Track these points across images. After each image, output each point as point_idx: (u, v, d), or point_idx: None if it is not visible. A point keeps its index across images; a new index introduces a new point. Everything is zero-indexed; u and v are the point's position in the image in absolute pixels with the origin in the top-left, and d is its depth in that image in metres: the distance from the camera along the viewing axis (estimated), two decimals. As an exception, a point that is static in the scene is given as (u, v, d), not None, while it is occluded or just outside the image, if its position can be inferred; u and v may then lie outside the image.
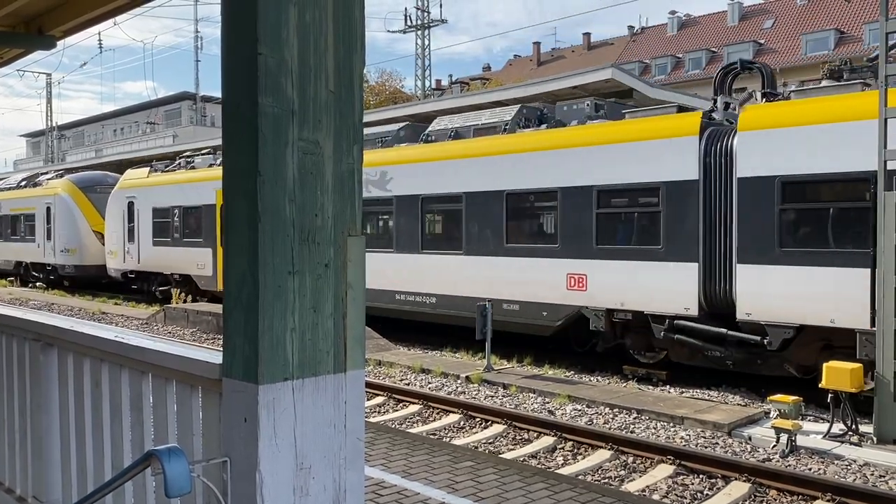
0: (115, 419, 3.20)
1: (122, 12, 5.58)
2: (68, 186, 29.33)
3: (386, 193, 16.59)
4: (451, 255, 15.41)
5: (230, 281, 2.31)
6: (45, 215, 29.77)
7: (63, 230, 28.73)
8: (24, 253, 32.22)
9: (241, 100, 2.24)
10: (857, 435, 8.91)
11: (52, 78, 62.33)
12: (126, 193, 25.62)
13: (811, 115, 10.69)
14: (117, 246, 25.56)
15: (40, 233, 30.26)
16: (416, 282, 16.09)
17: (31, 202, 31.51)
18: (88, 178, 30.29)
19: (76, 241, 28.42)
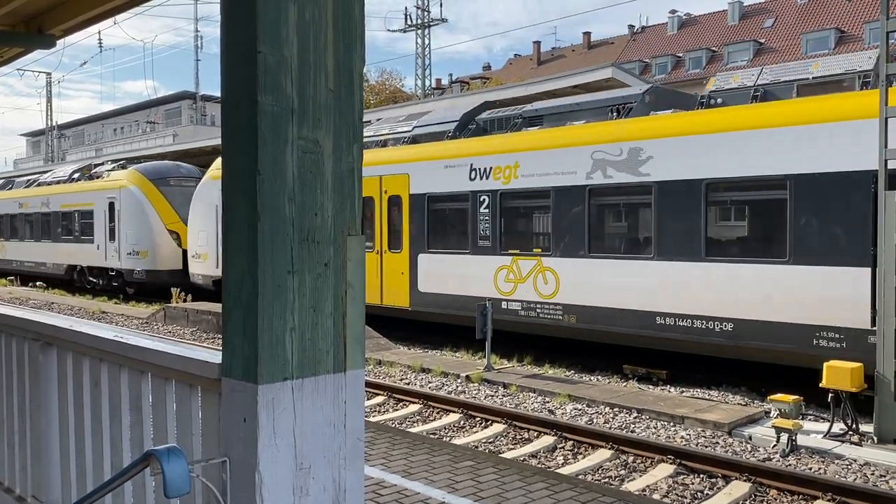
0: (114, 419, 3.20)
1: (122, 11, 5.58)
2: (137, 178, 25.38)
3: (637, 178, 12.27)
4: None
5: (229, 280, 2.31)
6: (108, 212, 25.88)
7: (131, 229, 24.88)
8: (80, 256, 27.98)
9: (240, 98, 2.24)
10: (858, 434, 8.91)
11: (52, 77, 62.33)
12: (218, 184, 24.08)
13: None
14: (207, 248, 21.53)
15: (100, 232, 26.33)
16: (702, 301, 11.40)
17: (87, 197, 27.41)
18: (160, 169, 26.35)
19: (148, 241, 24.52)
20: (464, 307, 14.61)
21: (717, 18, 61.24)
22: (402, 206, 16.32)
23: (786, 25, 55.07)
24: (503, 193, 14.42)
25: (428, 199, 15.80)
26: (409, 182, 16.12)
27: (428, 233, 15.73)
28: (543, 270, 13.71)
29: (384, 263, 16.62)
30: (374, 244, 16.75)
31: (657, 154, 12.02)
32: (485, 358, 13.07)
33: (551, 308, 13.61)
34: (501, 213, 14.49)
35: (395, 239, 16.45)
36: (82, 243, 27.70)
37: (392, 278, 16.53)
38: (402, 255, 16.32)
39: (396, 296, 16.29)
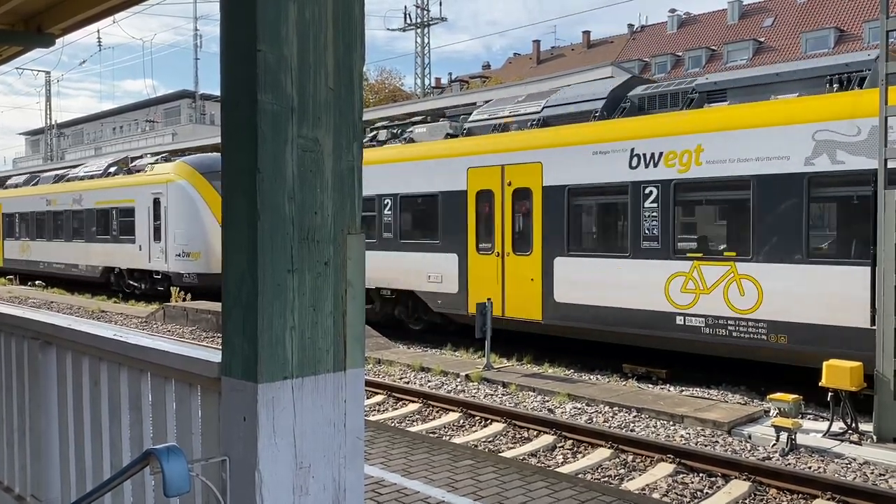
0: (113, 418, 3.19)
1: (121, 10, 5.57)
2: (187, 171, 22.85)
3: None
4: None
5: (229, 279, 2.30)
6: (152, 209, 23.48)
7: (180, 228, 22.40)
8: (118, 257, 25.44)
9: (240, 97, 2.23)
10: (857, 433, 8.91)
11: (51, 76, 62.31)
12: None
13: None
14: None
15: (143, 231, 23.94)
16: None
17: (127, 192, 24.83)
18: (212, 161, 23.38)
19: (200, 242, 21.91)
20: (619, 322, 12.39)
21: (716, 17, 61.26)
22: (533, 201, 13.66)
23: (785, 24, 55.08)
24: (679, 184, 11.72)
25: (569, 191, 13.17)
26: (543, 172, 13.49)
27: (568, 232, 13.23)
28: (739, 279, 11.10)
29: (506, 268, 14.10)
30: (491, 245, 14.38)
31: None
32: (484, 357, 13.07)
33: (751, 326, 11.05)
34: (676, 208, 11.85)
35: (521, 239, 13.95)
36: (121, 243, 25.20)
37: (518, 286, 13.87)
38: (532, 259, 13.68)
39: (524, 307, 13.75)
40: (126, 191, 25.06)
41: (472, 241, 14.75)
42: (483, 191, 14.56)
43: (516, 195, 14.07)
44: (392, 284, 16.35)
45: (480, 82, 59.81)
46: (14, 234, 33.19)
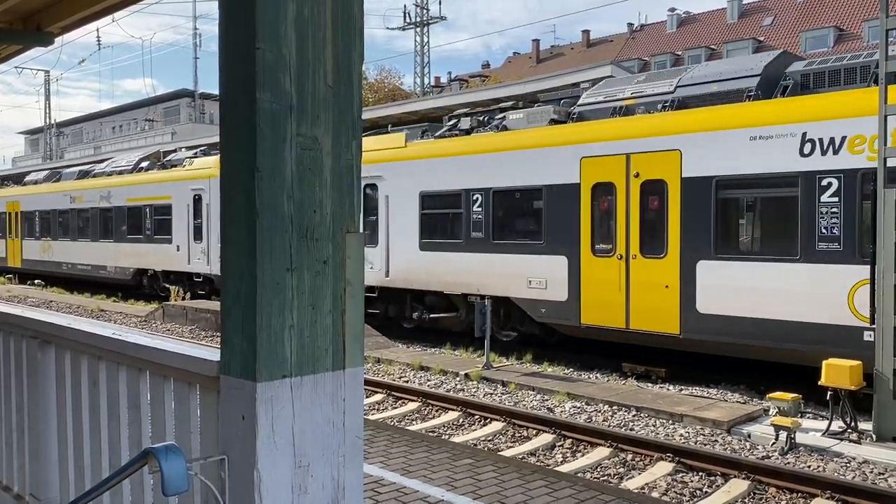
0: (112, 417, 3.19)
1: (120, 9, 5.56)
2: None
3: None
4: None
5: (228, 278, 2.30)
6: (192, 207, 22.03)
7: None
8: (152, 258, 23.91)
9: (239, 95, 2.23)
10: (857, 432, 8.91)
11: (51, 75, 62.26)
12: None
13: None
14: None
15: (181, 231, 22.46)
16: None
17: (163, 189, 23.29)
18: None
19: None
20: (783, 337, 10.63)
21: (716, 16, 61.25)
22: (668, 195, 11.80)
23: (785, 23, 55.08)
24: (868, 173, 9.69)
25: (717, 183, 11.32)
26: (682, 161, 11.62)
27: (716, 231, 11.39)
28: None
29: (632, 273, 12.23)
30: (612, 246, 12.54)
31: None
32: (483, 356, 13.07)
33: None
34: (864, 202, 9.94)
35: (652, 239, 12.08)
36: (156, 244, 23.62)
37: (647, 293, 12.03)
38: (668, 262, 11.78)
39: (655, 318, 11.91)
40: (161, 187, 23.39)
41: (587, 242, 12.87)
42: (601, 183, 12.73)
43: (646, 188, 12.21)
44: (482, 290, 14.31)
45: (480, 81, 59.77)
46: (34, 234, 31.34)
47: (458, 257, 14.81)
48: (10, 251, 33.33)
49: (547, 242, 13.49)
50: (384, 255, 16.32)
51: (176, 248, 22.71)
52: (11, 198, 33.77)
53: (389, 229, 16.30)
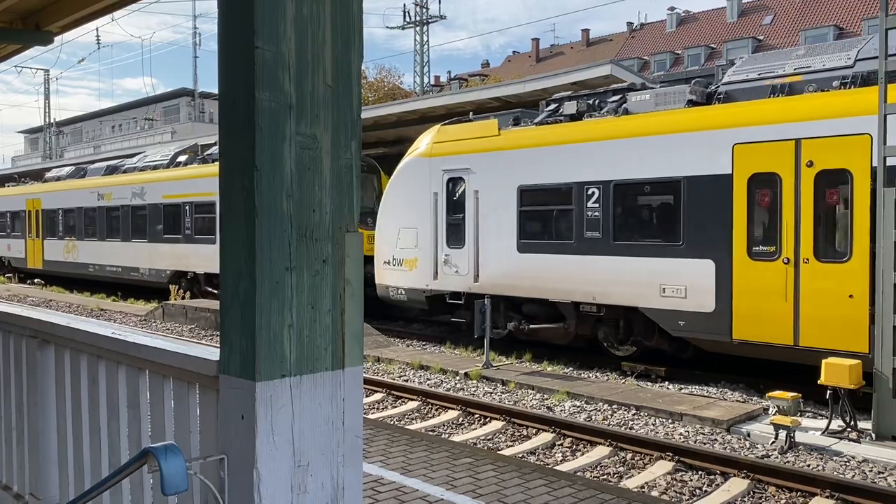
0: (112, 416, 3.19)
1: (120, 8, 5.56)
2: None
3: None
4: None
5: (227, 277, 2.30)
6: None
7: None
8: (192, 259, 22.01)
9: (238, 94, 2.23)
10: (856, 431, 8.91)
11: (50, 74, 62.25)
12: (442, 164, 15.03)
13: None
14: (418, 251, 15.49)
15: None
16: None
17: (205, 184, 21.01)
18: None
19: None
20: None
21: (715, 15, 61.29)
22: (853, 187, 9.99)
23: (784, 22, 55.10)
24: None
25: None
26: (870, 147, 9.78)
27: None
28: None
29: (802, 279, 10.49)
30: (776, 248, 10.74)
31: None
32: (483, 355, 13.07)
33: None
34: None
35: (832, 240, 10.44)
36: (197, 244, 21.72)
37: (824, 304, 10.24)
38: (851, 268, 10.04)
39: (835, 334, 10.11)
40: (203, 183, 21.14)
41: (741, 243, 11.07)
42: (761, 174, 10.91)
43: (822, 179, 10.47)
44: (599, 298, 12.67)
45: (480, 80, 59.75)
46: (57, 233, 29.26)
47: (568, 261, 12.95)
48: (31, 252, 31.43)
49: (686, 243, 11.59)
50: (472, 258, 14.45)
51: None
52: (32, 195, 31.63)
53: (479, 229, 14.35)
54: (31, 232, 31.40)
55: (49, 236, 29.96)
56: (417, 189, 15.47)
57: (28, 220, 31.62)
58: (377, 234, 16.60)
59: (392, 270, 16.11)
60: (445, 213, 15.04)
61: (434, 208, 15.17)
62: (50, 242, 29.89)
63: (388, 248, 16.19)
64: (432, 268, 15.27)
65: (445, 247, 15.02)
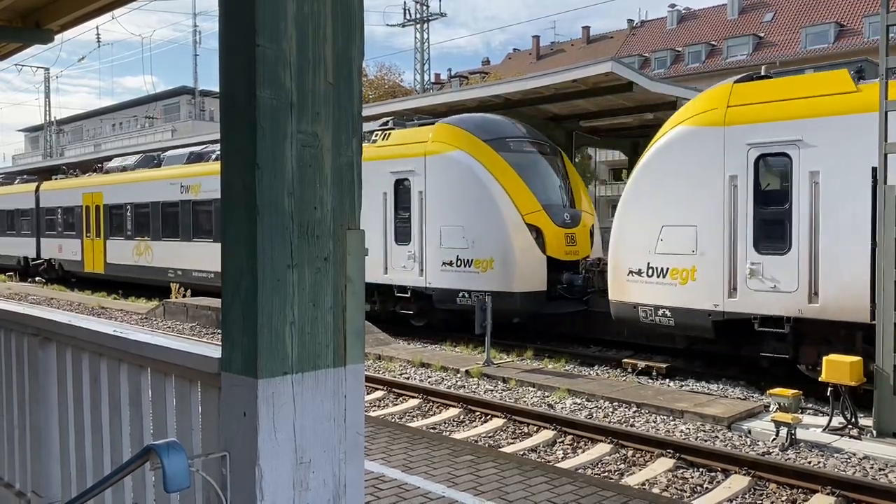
0: (113, 414, 3.19)
1: (120, 6, 5.56)
2: (463, 138, 15.35)
3: None
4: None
5: (229, 275, 2.30)
6: (392, 196, 16.39)
7: (457, 221, 15.08)
8: None
9: (239, 92, 2.23)
10: (857, 428, 8.92)
11: (50, 72, 62.20)
12: (749, 134, 11.01)
13: None
14: (698, 257, 11.50)
15: (370, 230, 15.67)
16: None
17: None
18: (492, 124, 16.08)
19: (493, 243, 14.71)
20: None
21: (716, 13, 61.21)
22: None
23: (785, 19, 55.04)
24: None
25: None
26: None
27: None
28: None
29: None
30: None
31: None
32: (484, 353, 13.07)
33: None
34: None
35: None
36: None
37: None
38: None
39: None
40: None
41: None
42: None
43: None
44: None
45: (480, 78, 59.72)
46: (124, 232, 25.26)
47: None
48: (89, 254, 27.15)
49: None
50: (808, 267, 10.50)
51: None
52: (91, 188, 27.33)
53: (820, 224, 10.40)
54: (89, 231, 27.23)
55: (113, 236, 25.94)
56: (698, 171, 11.43)
57: (85, 217, 27.38)
58: (615, 233, 12.87)
59: (645, 284, 12.10)
60: (753, 205, 10.92)
61: (730, 198, 11.07)
62: (114, 243, 25.81)
63: (636, 252, 12.24)
64: (726, 281, 11.17)
65: (753, 252, 10.92)
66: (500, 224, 14.64)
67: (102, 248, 26.39)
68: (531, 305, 14.67)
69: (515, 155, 15.39)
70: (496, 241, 14.67)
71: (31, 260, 31.24)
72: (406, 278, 16.02)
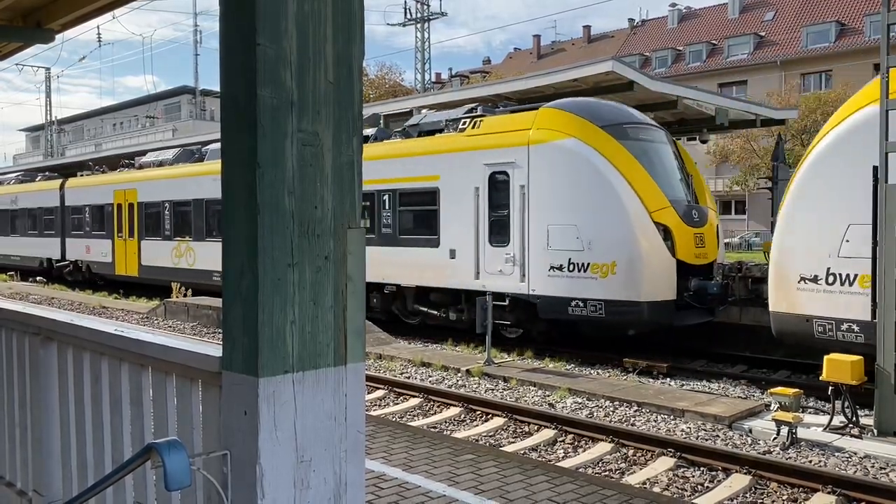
0: (114, 413, 3.20)
1: (121, 6, 5.56)
2: (575, 124, 13.54)
3: None
4: None
5: (229, 274, 2.31)
6: (485, 190, 14.49)
7: (571, 219, 13.27)
8: (395, 269, 16.10)
9: (239, 91, 2.23)
10: (858, 427, 8.91)
11: (51, 72, 62.26)
12: None
13: None
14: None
15: (460, 228, 14.87)
16: None
17: (424, 166, 15.48)
18: (606, 109, 14.31)
19: (616, 244, 12.94)
20: None
21: (717, 12, 61.19)
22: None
23: (786, 19, 55.00)
24: None
25: None
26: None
27: None
28: None
29: None
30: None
31: None
32: (485, 352, 13.08)
33: None
34: None
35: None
36: (405, 246, 15.94)
37: None
38: None
39: None
40: (419, 163, 15.50)
41: None
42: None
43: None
44: None
45: (481, 77, 59.74)
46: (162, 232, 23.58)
47: None
48: (121, 256, 25.37)
49: None
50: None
51: (448, 253, 14.98)
52: (124, 185, 25.43)
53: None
54: (121, 231, 25.28)
55: (149, 236, 24.20)
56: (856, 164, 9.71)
57: (117, 215, 25.43)
58: (780, 233, 11.15)
59: (826, 294, 10.30)
60: None
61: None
62: (150, 244, 24.07)
63: (813, 255, 10.49)
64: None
65: None
66: (624, 222, 12.80)
67: (136, 250, 24.62)
68: (659, 316, 12.75)
69: (635, 143, 13.48)
70: (619, 243, 12.79)
71: (55, 262, 29.45)
72: (503, 284, 13.94)
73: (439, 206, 15.12)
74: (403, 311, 16.44)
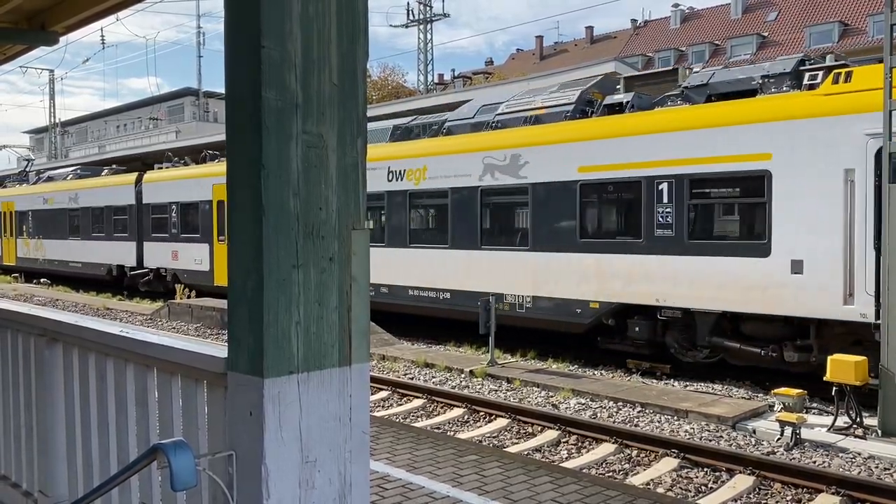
0: (120, 414, 3.21)
1: (124, 8, 5.57)
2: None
3: None
4: None
5: (234, 275, 2.31)
6: (876, 171, 9.67)
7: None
8: (711, 289, 11.35)
9: (244, 93, 2.24)
10: (862, 428, 8.90)
11: (55, 74, 62.33)
12: None
13: None
14: None
15: (824, 226, 10.23)
16: None
17: (742, 138, 11.00)
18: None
19: None
20: None
21: (719, 12, 61.09)
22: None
23: (789, 19, 54.91)
24: None
25: None
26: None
27: None
28: None
29: None
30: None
31: None
32: (488, 353, 13.07)
33: None
34: None
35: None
36: (712, 255, 11.43)
37: None
38: None
39: None
40: (730, 136, 11.21)
41: None
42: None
43: None
44: None
45: (483, 78, 59.76)
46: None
47: None
48: (222, 263, 20.62)
49: None
50: None
51: (786, 266, 10.69)
52: (209, 179, 21.61)
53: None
54: (222, 234, 21.11)
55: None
56: None
57: (217, 215, 21.39)
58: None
59: None
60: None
61: None
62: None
63: None
64: None
65: None
66: None
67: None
68: None
69: None
70: None
71: (130, 269, 25.06)
72: (849, 310, 10.09)
73: (770, 196, 10.82)
74: (687, 344, 12.25)
